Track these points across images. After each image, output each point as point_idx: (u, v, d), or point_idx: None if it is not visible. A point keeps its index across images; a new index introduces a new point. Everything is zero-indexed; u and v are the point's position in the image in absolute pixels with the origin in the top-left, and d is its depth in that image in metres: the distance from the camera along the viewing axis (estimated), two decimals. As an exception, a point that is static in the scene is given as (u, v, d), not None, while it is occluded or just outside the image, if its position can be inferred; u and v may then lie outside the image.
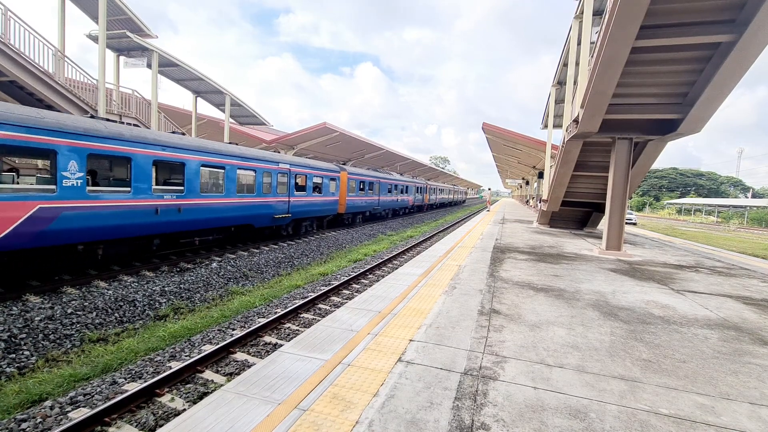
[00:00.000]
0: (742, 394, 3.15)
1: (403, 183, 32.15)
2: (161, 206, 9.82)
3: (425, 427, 2.55)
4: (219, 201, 11.69)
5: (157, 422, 4.25)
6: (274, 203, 14.32)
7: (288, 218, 15.42)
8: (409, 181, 34.50)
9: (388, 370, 3.33)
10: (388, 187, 28.52)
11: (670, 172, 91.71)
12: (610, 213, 10.11)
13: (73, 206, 7.90)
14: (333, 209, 19.43)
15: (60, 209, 7.67)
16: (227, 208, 12.04)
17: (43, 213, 7.38)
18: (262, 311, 7.97)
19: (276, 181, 14.38)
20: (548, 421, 2.65)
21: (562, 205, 15.08)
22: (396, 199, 30.52)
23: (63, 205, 7.72)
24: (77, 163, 7.95)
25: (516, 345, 3.93)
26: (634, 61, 7.61)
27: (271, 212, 14.22)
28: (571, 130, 10.31)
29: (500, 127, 24.77)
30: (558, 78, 17.76)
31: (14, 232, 6.97)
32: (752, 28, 6.39)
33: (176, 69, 18.31)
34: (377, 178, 26.12)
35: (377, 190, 26.09)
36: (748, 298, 6.26)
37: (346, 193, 21.07)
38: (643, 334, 4.37)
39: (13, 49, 11.03)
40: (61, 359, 5.79)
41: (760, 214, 55.35)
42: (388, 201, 28.64)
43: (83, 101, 13.29)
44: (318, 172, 17.73)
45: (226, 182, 11.94)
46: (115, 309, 7.49)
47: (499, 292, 5.93)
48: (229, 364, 5.66)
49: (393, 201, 29.78)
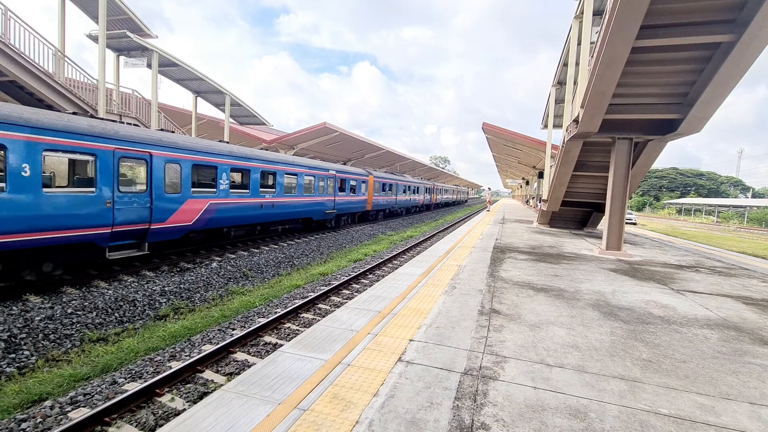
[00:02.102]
0: (742, 394, 3.15)
1: (415, 184, 36.14)
2: (264, 203, 13.84)
3: (425, 427, 2.55)
4: (295, 199, 15.95)
5: (157, 422, 4.25)
6: (326, 201, 18.59)
7: (334, 213, 19.59)
8: (420, 183, 38.44)
9: (388, 370, 3.33)
10: (404, 188, 32.44)
11: (670, 172, 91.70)
12: (610, 213, 10.11)
13: (223, 203, 11.85)
14: (363, 206, 23.71)
15: (218, 204, 11.62)
16: (299, 204, 16.30)
17: (210, 207, 11.36)
18: (262, 311, 7.97)
19: (327, 185, 18.54)
20: (548, 421, 2.65)
21: (562, 205, 15.08)
22: (410, 198, 34.57)
23: (219, 201, 11.68)
24: (226, 174, 11.85)
25: (516, 345, 3.93)
26: (634, 61, 7.60)
27: (324, 208, 18.48)
28: (571, 130, 10.31)
29: (500, 127, 24.77)
30: (558, 78, 17.75)
31: (198, 218, 10.98)
32: (752, 28, 6.38)
33: (176, 69, 18.31)
34: (395, 180, 30.15)
35: (395, 190, 30.11)
36: (748, 298, 6.26)
37: (372, 194, 24.85)
38: (643, 334, 4.37)
39: (13, 49, 11.03)
40: (61, 359, 5.79)
41: (760, 214, 55.36)
42: (404, 200, 32.82)
43: (83, 101, 13.29)
44: (353, 176, 21.81)
45: (298, 186, 16.11)
46: (115, 309, 7.49)
47: (499, 292, 5.93)
48: (229, 364, 5.66)
49: (407, 200, 33.95)
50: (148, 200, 9.39)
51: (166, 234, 10.04)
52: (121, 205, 8.73)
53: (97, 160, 8.21)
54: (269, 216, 14.30)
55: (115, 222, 8.61)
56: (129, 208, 8.95)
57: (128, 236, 9.13)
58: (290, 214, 15.79)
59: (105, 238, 8.49)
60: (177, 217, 10.22)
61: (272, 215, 14.42)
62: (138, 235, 9.36)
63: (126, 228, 8.92)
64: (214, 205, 11.44)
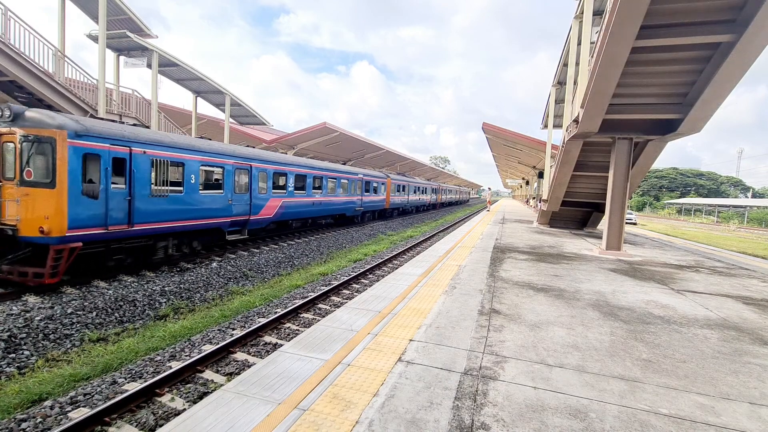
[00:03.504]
0: (742, 394, 3.15)
1: (423, 186, 40.09)
2: (314, 201, 17.68)
3: (425, 426, 2.55)
4: (334, 198, 19.93)
5: (157, 422, 4.25)
6: (356, 200, 22.59)
7: (361, 210, 23.50)
8: (427, 184, 42.37)
9: (388, 370, 3.33)
10: (414, 189, 36.23)
11: (670, 172, 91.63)
12: (610, 213, 10.11)
13: (291, 201, 15.60)
14: (382, 205, 27.78)
15: (287, 202, 15.35)
16: (337, 202, 20.34)
17: (283, 204, 15.06)
18: (262, 311, 7.97)
19: (355, 186, 22.47)
20: (548, 421, 2.65)
21: (562, 205, 15.07)
22: (419, 198, 38.60)
23: (288, 200, 15.41)
24: (292, 179, 15.67)
25: (516, 345, 3.93)
26: (634, 61, 7.60)
27: (354, 206, 22.50)
28: (571, 130, 10.31)
29: (500, 127, 24.76)
30: (558, 78, 17.75)
31: (276, 212, 14.63)
32: (752, 28, 6.38)
33: (176, 69, 18.30)
34: (408, 182, 33.95)
35: (407, 191, 33.82)
36: (748, 298, 6.26)
37: (390, 194, 28.65)
38: (643, 334, 4.37)
39: (13, 49, 11.03)
40: (61, 359, 5.80)
41: (760, 214, 55.34)
42: (414, 200, 36.78)
43: (83, 101, 13.29)
44: (375, 179, 25.74)
45: (336, 187, 20.08)
46: (115, 309, 7.48)
47: (499, 292, 5.93)
48: (229, 363, 5.66)
49: (417, 200, 38.10)
50: (249, 199, 12.98)
51: (257, 223, 13.84)
52: (235, 202, 12.30)
53: (224, 171, 11.85)
54: (317, 211, 18.38)
55: (232, 214, 12.23)
56: (239, 205, 12.53)
57: (238, 224, 12.84)
58: (331, 210, 19.86)
59: (227, 225, 12.19)
60: (264, 211, 13.97)
61: (319, 211, 18.56)
62: (242, 223, 13.02)
63: (237, 218, 12.57)
64: (286, 203, 15.25)
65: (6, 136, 7.74)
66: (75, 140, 7.73)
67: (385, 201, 27.70)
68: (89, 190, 8.06)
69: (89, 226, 8.05)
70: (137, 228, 9.04)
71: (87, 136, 7.99)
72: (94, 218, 8.13)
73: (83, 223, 7.91)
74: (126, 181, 8.81)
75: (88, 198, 8.00)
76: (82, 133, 7.88)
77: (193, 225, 10.76)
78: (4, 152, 7.84)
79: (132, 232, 8.97)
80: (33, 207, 7.57)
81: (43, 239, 7.51)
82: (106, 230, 8.37)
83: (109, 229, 8.42)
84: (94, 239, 8.29)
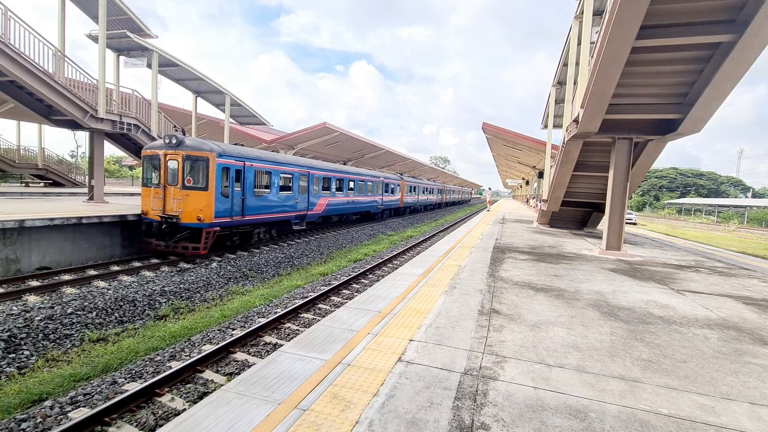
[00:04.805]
0: (742, 394, 3.15)
1: (430, 186, 43.88)
2: (349, 200, 21.48)
3: (425, 427, 2.55)
4: (363, 198, 23.65)
5: (157, 422, 4.25)
6: (378, 199, 26.43)
7: (381, 208, 27.38)
8: (434, 185, 46.25)
9: (388, 369, 3.33)
10: (423, 190, 39.66)
11: (670, 172, 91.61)
12: (610, 213, 10.11)
13: (333, 200, 19.21)
14: (397, 204, 31.64)
15: (331, 200, 18.91)
16: (365, 201, 24.01)
17: (328, 202, 18.63)
18: (262, 311, 7.97)
19: (377, 187, 26.06)
20: (548, 421, 2.65)
21: (562, 205, 15.07)
22: (427, 198, 42.12)
23: (331, 199, 18.94)
24: (334, 182, 19.30)
25: (516, 345, 3.93)
26: (634, 61, 7.60)
27: (377, 204, 26.26)
28: (571, 130, 10.31)
29: (500, 127, 24.75)
30: (558, 78, 17.74)
31: (323, 209, 18.18)
32: (752, 28, 6.38)
33: (176, 69, 18.29)
34: (418, 183, 37.71)
35: (417, 192, 37.30)
36: (748, 298, 6.26)
37: (403, 194, 32.36)
38: (644, 334, 4.37)
39: (13, 49, 11.02)
40: (61, 359, 5.80)
41: (760, 214, 55.34)
42: (423, 200, 40.23)
43: (83, 101, 13.28)
44: (391, 180, 29.62)
45: (364, 188, 23.73)
46: (115, 309, 7.49)
47: (499, 292, 5.93)
48: (229, 363, 5.66)
49: (425, 200, 41.57)
50: (307, 198, 16.51)
51: (311, 217, 17.24)
52: (299, 200, 15.95)
53: (293, 177, 15.54)
54: (350, 209, 22.04)
55: (297, 209, 15.86)
56: (301, 202, 16.15)
57: (299, 218, 16.34)
58: (360, 208, 23.51)
59: (293, 218, 15.84)
60: (317, 208, 17.48)
61: (352, 208, 22.22)
62: (302, 217, 16.50)
63: (300, 213, 16.17)
64: (330, 201, 18.76)
65: (170, 155, 11.14)
66: (219, 159, 11.28)
67: (400, 200, 31.63)
68: (224, 192, 11.52)
69: (223, 216, 11.55)
70: (247, 218, 12.64)
71: (224, 155, 11.52)
72: (226, 211, 11.62)
73: (221, 214, 11.42)
74: (241, 185, 12.24)
75: (223, 197, 11.44)
76: (221, 153, 11.44)
77: (275, 217, 14.48)
78: (168, 167, 11.19)
79: (244, 221, 12.57)
80: (192, 203, 10.94)
81: (199, 225, 10.94)
82: (231, 219, 11.88)
83: (233, 218, 11.95)
84: (225, 225, 11.80)
